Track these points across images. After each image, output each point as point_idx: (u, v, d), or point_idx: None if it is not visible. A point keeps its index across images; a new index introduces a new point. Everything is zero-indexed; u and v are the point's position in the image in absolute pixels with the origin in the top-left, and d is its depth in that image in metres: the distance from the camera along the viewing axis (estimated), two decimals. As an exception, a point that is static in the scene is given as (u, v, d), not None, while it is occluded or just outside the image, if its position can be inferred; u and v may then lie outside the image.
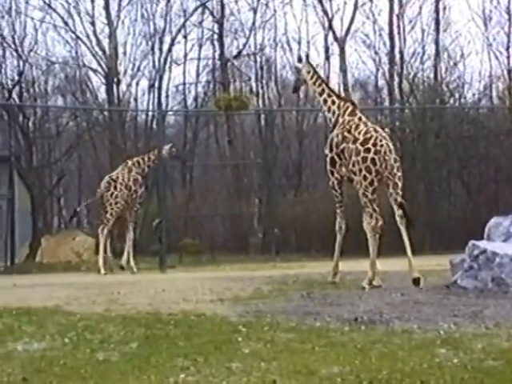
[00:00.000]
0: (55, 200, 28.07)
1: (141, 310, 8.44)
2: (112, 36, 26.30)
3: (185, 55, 27.78)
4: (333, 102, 11.55)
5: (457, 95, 25.39)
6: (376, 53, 26.87)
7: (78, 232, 21.69)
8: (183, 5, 27.13)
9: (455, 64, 26.09)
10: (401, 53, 25.90)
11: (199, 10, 25.43)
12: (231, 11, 27.43)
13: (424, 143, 22.21)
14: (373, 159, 10.59)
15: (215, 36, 27.24)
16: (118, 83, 26.23)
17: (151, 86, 26.73)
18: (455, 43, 26.58)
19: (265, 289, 10.50)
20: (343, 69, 26.29)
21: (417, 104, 23.90)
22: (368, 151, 10.63)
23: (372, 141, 10.69)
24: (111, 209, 15.90)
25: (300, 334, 6.70)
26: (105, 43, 26.39)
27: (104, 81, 26.40)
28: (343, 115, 11.30)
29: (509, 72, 25.65)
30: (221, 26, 26.84)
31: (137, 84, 27.65)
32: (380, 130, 11.11)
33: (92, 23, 26.59)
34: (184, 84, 27.94)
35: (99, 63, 26.37)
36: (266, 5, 27.44)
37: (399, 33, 26.06)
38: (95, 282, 12.70)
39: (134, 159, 16.97)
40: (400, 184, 10.72)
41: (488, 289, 9.48)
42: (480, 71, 27.11)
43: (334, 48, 26.95)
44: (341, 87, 25.91)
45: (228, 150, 26.38)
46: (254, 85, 27.87)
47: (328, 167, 11.40)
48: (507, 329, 6.75)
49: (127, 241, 16.23)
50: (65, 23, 26.59)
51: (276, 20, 27.84)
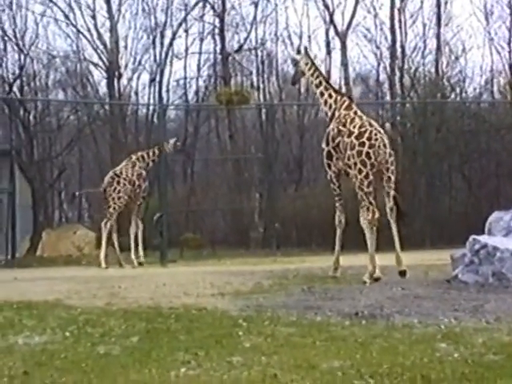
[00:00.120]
0: (56, 194, 28.05)
1: (142, 304, 8.44)
2: (113, 30, 26.25)
3: (186, 49, 27.70)
4: (330, 96, 11.56)
5: (458, 90, 25.38)
6: (377, 47, 26.82)
7: (79, 226, 21.75)
8: (184, -1, 27.13)
9: (456, 58, 26.08)
10: (402, 47, 25.81)
11: (200, 4, 25.46)
12: (232, 5, 27.38)
13: (425, 138, 22.20)
14: (367, 153, 10.63)
15: (216, 30, 27.15)
16: (119, 77, 26.17)
17: (152, 80, 26.70)
18: (456, 37, 26.55)
19: (265, 283, 10.50)
20: (344, 63, 26.25)
21: (418, 98, 23.87)
22: (363, 145, 10.66)
23: (367, 134, 10.72)
24: (114, 203, 15.98)
25: (301, 329, 6.70)
26: (106, 37, 26.37)
27: (105, 75, 26.36)
28: (339, 109, 11.32)
29: (510, 66, 25.58)
30: (222, 20, 26.75)
31: (138, 78, 27.68)
32: (375, 124, 11.17)
33: (93, 17, 26.57)
34: (185, 78, 27.93)
35: (100, 57, 26.36)
36: (267, -1, 27.43)
37: (400, 27, 25.96)
38: (96, 276, 12.70)
39: (139, 154, 17.01)
40: (393, 178, 10.82)
41: (489, 283, 9.49)
42: (481, 66, 27.10)
43: (336, 42, 26.94)
44: (342, 81, 25.96)
45: (229, 145, 26.34)
46: (255, 79, 27.90)
47: (325, 161, 11.46)
48: (508, 323, 6.75)
49: (132, 235, 16.32)
50: (66, 17, 26.58)
51: (277, 14, 27.86)
